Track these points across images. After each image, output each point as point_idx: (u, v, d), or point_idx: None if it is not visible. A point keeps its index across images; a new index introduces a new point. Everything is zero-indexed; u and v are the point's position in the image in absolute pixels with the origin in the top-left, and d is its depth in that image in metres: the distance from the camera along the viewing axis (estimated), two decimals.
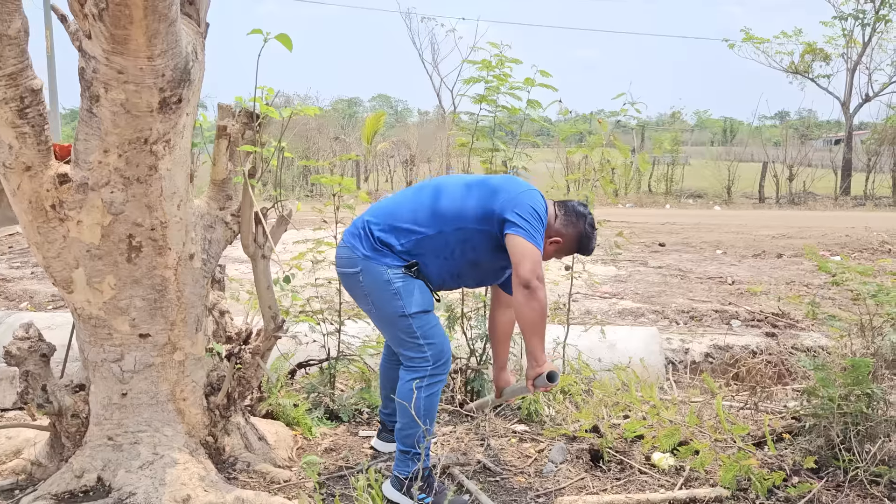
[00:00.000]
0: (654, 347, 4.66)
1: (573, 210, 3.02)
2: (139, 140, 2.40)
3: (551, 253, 3.03)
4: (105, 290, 2.61)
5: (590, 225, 3.03)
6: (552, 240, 2.97)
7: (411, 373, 2.86)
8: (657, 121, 38.68)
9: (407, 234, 2.84)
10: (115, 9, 2.05)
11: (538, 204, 2.84)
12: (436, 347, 2.86)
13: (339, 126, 30.33)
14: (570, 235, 3.00)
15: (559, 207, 3.02)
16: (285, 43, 2.58)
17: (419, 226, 2.84)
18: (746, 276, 8.48)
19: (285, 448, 3.28)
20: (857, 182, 22.53)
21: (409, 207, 2.89)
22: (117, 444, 2.72)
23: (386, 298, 2.83)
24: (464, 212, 2.84)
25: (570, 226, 3.00)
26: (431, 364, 2.84)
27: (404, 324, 2.83)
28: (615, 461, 3.25)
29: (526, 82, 3.75)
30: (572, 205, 3.05)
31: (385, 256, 2.83)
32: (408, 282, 2.83)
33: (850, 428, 3.11)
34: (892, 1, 22.07)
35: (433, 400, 2.86)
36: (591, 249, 3.07)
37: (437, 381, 2.87)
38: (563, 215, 3.00)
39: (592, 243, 3.06)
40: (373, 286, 2.84)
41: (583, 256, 4.20)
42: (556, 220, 2.99)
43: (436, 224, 2.84)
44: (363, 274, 2.85)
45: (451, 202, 2.87)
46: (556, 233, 2.98)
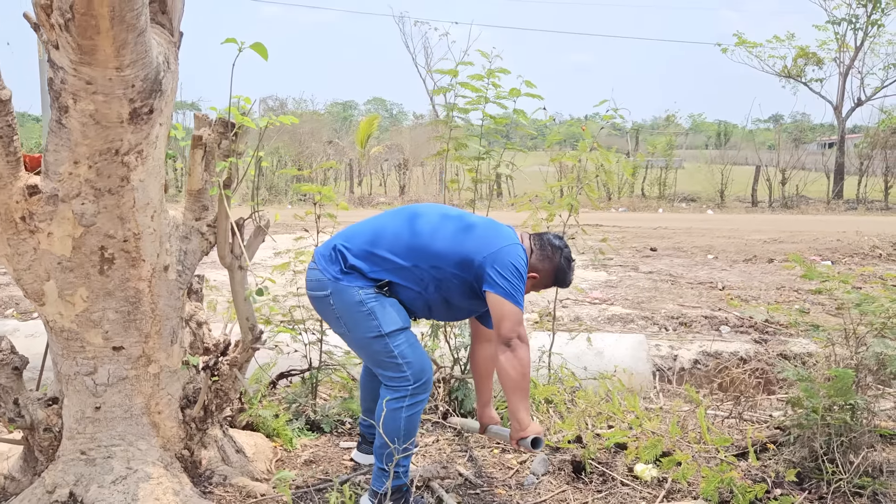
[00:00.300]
0: (642, 355, 4.64)
1: (549, 244, 3.00)
2: (110, 151, 2.37)
3: (528, 288, 3.00)
4: (77, 302, 2.57)
5: (566, 258, 3.01)
6: (529, 275, 2.94)
7: (392, 392, 2.80)
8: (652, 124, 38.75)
9: (381, 263, 2.80)
10: (81, 19, 2.01)
11: (518, 260, 2.81)
12: (415, 366, 2.80)
13: (333, 129, 30.32)
14: (546, 270, 2.99)
15: (535, 242, 3.00)
16: (260, 52, 2.54)
17: (395, 256, 2.80)
18: (737, 281, 8.47)
19: (264, 460, 3.25)
20: (849, 185, 22.59)
21: (384, 236, 2.84)
22: (90, 459, 2.68)
23: (359, 320, 2.78)
24: (442, 253, 2.80)
25: (546, 260, 2.98)
26: (412, 383, 2.79)
27: (381, 344, 2.78)
28: (597, 473, 3.22)
29: (512, 93, 3.73)
30: (548, 238, 3.02)
31: (356, 279, 2.78)
32: (380, 300, 2.78)
33: (833, 439, 3.09)
34: (884, 6, 22.14)
35: (414, 420, 2.82)
36: (567, 282, 3.07)
37: (418, 400, 2.81)
38: (539, 249, 2.98)
39: (569, 277, 3.05)
40: (344, 308, 2.79)
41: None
42: (532, 255, 2.96)
43: (412, 257, 2.80)
44: (333, 296, 2.79)
45: (429, 239, 2.82)
46: (532, 268, 2.95)
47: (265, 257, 6.68)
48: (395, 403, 2.78)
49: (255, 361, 3.60)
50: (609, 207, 19.98)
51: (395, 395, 2.79)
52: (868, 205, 21.26)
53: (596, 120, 4.76)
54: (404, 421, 2.78)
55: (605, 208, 19.57)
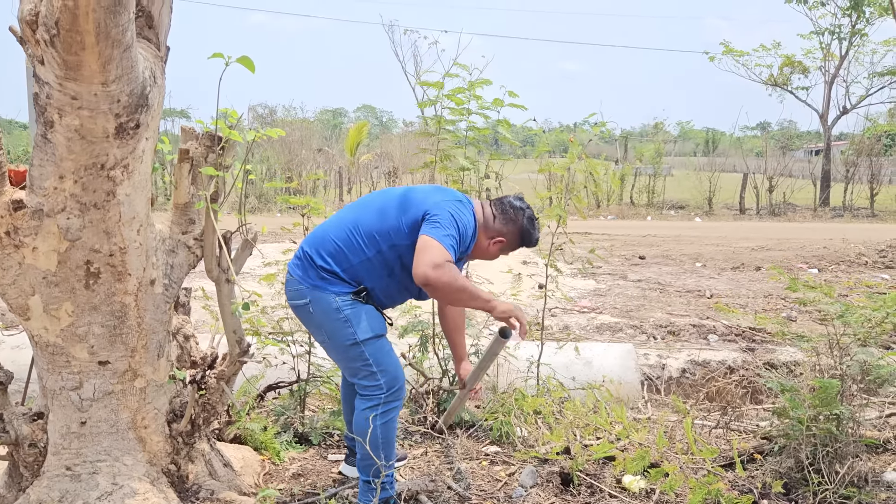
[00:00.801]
0: (630, 364, 4.65)
1: (510, 206, 3.00)
2: (96, 166, 2.36)
3: (497, 252, 3.03)
4: (62, 317, 2.56)
5: (529, 219, 3.01)
6: (495, 240, 2.97)
7: (366, 401, 2.84)
8: (640, 131, 38.95)
9: (347, 259, 2.83)
10: (66, 35, 2.01)
11: (456, 211, 2.79)
12: (389, 374, 2.84)
13: (323, 137, 30.28)
14: (511, 232, 2.99)
15: (496, 206, 3.01)
16: (247, 65, 2.54)
17: (357, 249, 2.83)
18: (725, 289, 8.52)
19: (252, 474, 3.23)
20: (836, 193, 22.76)
21: (343, 232, 2.87)
22: (76, 475, 2.67)
23: (337, 327, 2.81)
24: (394, 228, 2.82)
25: (510, 222, 2.98)
26: (385, 391, 2.83)
27: (356, 351, 2.81)
28: (585, 484, 3.23)
29: (495, 103, 3.75)
30: (509, 201, 3.03)
31: (332, 285, 2.81)
32: (357, 308, 2.82)
33: (819, 449, 3.11)
34: (868, 16, 22.38)
35: (390, 427, 2.85)
36: (534, 241, 3.06)
37: (391, 407, 2.85)
38: (501, 214, 2.99)
39: (535, 235, 3.04)
40: (323, 316, 2.82)
41: (556, 272, 4.21)
42: (495, 220, 2.97)
43: (372, 245, 2.83)
44: (313, 304, 2.83)
45: (382, 221, 2.84)
46: (497, 232, 2.97)
47: (254, 267, 6.66)
48: (369, 412, 2.82)
49: (242, 374, 3.59)
50: (598, 215, 20.05)
51: (368, 403, 2.84)
52: (854, 212, 21.43)
53: (584, 128, 4.78)
54: (380, 429, 2.81)
55: (593, 216, 19.63)
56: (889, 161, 24.06)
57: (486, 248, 2.99)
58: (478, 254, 3.04)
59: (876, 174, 21.82)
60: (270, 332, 3.84)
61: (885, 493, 3.11)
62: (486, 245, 2.98)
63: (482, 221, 2.97)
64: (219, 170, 2.77)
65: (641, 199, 22.73)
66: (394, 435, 2.88)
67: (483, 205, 3.01)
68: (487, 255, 3.03)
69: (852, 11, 22.28)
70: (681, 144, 47.29)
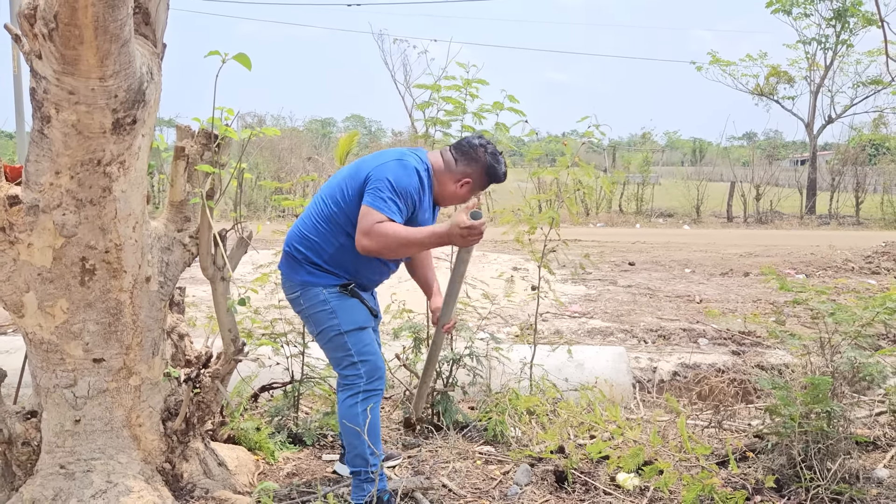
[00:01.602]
0: (622, 366, 4.67)
1: (469, 145, 2.98)
2: (92, 161, 2.36)
3: (467, 194, 3.01)
4: (57, 314, 2.55)
5: (491, 154, 2.98)
6: (462, 182, 2.97)
7: (346, 391, 2.91)
8: (628, 141, 39.19)
9: (324, 249, 2.90)
10: (64, 29, 2.01)
11: (394, 172, 2.78)
12: (369, 364, 2.91)
13: (312, 146, 30.24)
14: (476, 171, 2.97)
15: (453, 150, 2.99)
16: (244, 62, 2.55)
17: (328, 239, 2.90)
18: (714, 294, 8.57)
19: (246, 473, 3.22)
20: (822, 201, 22.97)
21: (311, 223, 2.94)
22: (69, 473, 2.65)
23: (323, 318, 2.90)
24: (349, 209, 2.85)
25: (473, 162, 2.97)
26: (364, 380, 2.89)
27: (340, 341, 2.89)
28: (580, 482, 3.24)
29: (495, 106, 3.78)
30: (467, 140, 3.01)
31: (320, 277, 2.90)
32: (342, 300, 2.90)
33: (811, 446, 3.14)
34: (853, 26, 22.66)
35: (373, 415, 2.89)
36: (502, 176, 3.02)
37: (372, 395, 2.90)
38: (462, 155, 2.97)
39: (500, 169, 3.00)
40: (311, 307, 2.92)
41: (550, 275, 4.23)
42: (457, 163, 2.97)
43: (338, 230, 2.88)
44: (303, 297, 2.92)
45: (336, 204, 2.89)
46: (462, 174, 2.97)
47: (245, 272, 6.64)
48: (350, 401, 2.88)
49: (237, 374, 3.58)
50: (587, 223, 20.13)
51: (349, 392, 2.90)
52: (840, 220, 21.63)
53: (573, 136, 4.82)
54: (362, 416, 2.86)
55: (583, 223, 19.70)
56: (874, 170, 24.30)
57: (455, 192, 2.98)
58: (448, 199, 3.03)
59: (861, 183, 22.06)
60: (263, 333, 3.84)
61: (876, 489, 3.13)
62: (454, 189, 2.98)
63: (443, 167, 2.96)
64: (215, 167, 2.78)
65: (630, 207, 22.85)
66: (377, 423, 2.93)
67: (442, 151, 3.02)
68: (458, 198, 3.01)
69: (836, 22, 22.55)
70: (668, 154, 47.58)
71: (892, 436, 3.64)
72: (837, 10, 22.10)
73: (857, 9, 21.82)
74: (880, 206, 21.94)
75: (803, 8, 22.61)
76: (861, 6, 21.67)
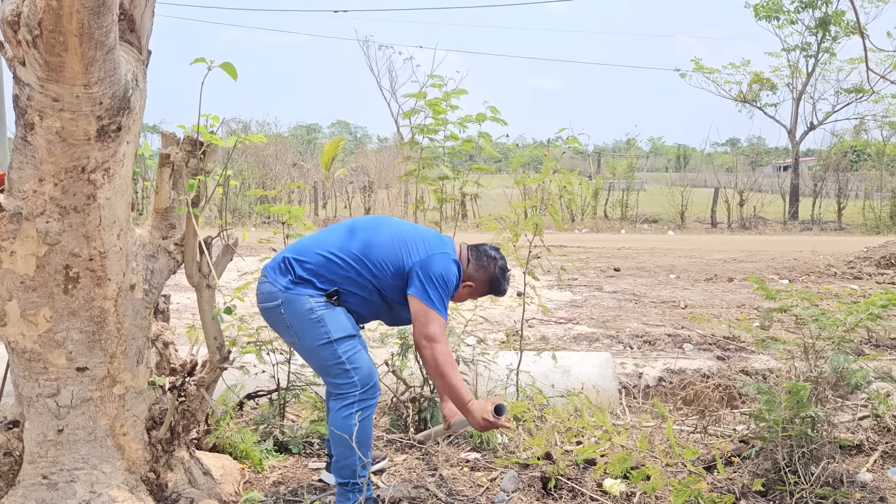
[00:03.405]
0: (608, 372, 4.68)
1: (485, 254, 3.14)
2: (76, 169, 2.35)
3: (465, 296, 3.18)
4: (40, 322, 2.53)
5: (500, 269, 3.15)
6: (465, 284, 3.10)
7: (340, 401, 2.89)
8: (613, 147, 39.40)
9: (328, 274, 2.91)
10: (49, 36, 2.00)
11: (446, 269, 2.93)
12: (362, 371, 2.89)
13: (297, 152, 30.18)
14: (481, 279, 3.13)
15: (472, 252, 3.14)
16: (230, 72, 2.55)
17: (339, 268, 2.92)
18: (699, 299, 8.63)
19: (232, 482, 3.20)
20: (804, 206, 23.22)
21: (326, 254, 2.94)
22: (52, 483, 2.62)
23: (309, 327, 2.87)
24: (379, 263, 2.93)
25: (482, 270, 3.12)
26: (359, 389, 2.87)
27: (329, 351, 2.87)
28: (567, 488, 3.24)
29: (478, 118, 3.80)
30: (485, 249, 3.17)
31: (306, 288, 2.89)
32: (329, 308, 2.89)
33: (795, 450, 3.16)
34: (834, 34, 22.95)
35: (366, 426, 2.88)
36: (502, 291, 3.21)
37: (367, 405, 2.89)
38: (476, 260, 3.12)
39: (503, 286, 3.18)
40: (295, 317, 2.88)
41: (535, 281, 4.25)
42: (469, 265, 3.11)
43: (355, 269, 2.93)
44: (284, 306, 2.89)
45: (366, 249, 2.95)
46: (468, 277, 3.11)
47: (229, 280, 6.61)
48: (345, 411, 2.86)
49: (222, 382, 3.56)
50: (573, 229, 20.21)
51: (343, 402, 2.87)
52: (822, 225, 21.86)
53: (558, 143, 4.84)
54: (357, 427, 2.84)
55: (568, 229, 19.78)
56: (855, 176, 24.61)
57: (457, 290, 3.08)
58: None
59: (843, 188, 22.32)
60: (249, 341, 3.82)
61: (860, 492, 3.16)
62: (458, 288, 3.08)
63: None
64: (200, 174, 2.77)
65: (615, 213, 22.98)
66: (370, 434, 2.91)
67: (461, 248, 3.13)
68: (457, 297, 3.15)
69: (819, 30, 22.83)
70: (653, 160, 47.93)
71: (874, 440, 3.68)
72: (821, 18, 22.38)
73: (839, 18, 22.11)
74: (862, 211, 22.21)
75: (788, 16, 22.88)
76: (843, 15, 21.97)
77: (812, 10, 22.63)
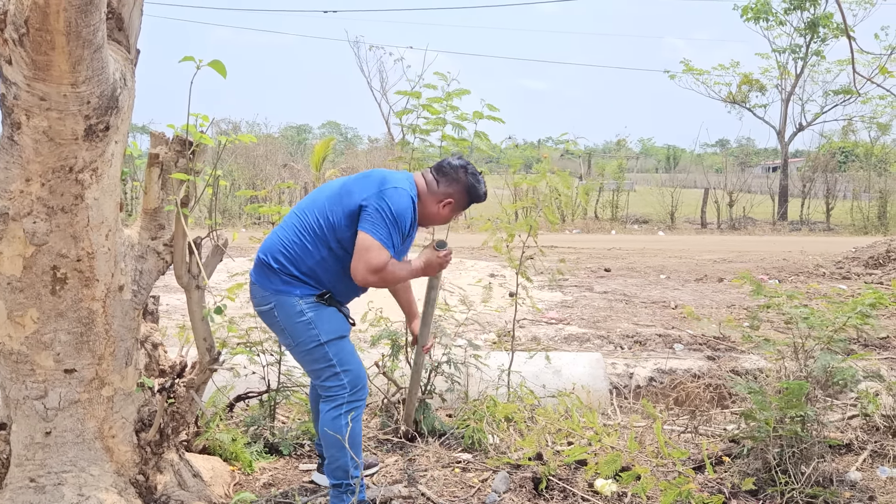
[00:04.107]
0: (599, 373, 4.68)
1: (450, 166, 3.03)
2: (64, 169, 2.32)
3: (449, 214, 3.06)
4: (27, 324, 2.50)
5: (472, 174, 3.04)
6: (444, 202, 3.01)
7: (330, 402, 2.88)
8: (604, 148, 39.51)
9: (303, 261, 2.86)
10: (35, 34, 1.98)
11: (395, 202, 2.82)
12: (352, 374, 2.89)
13: (287, 153, 30.08)
14: (458, 190, 3.02)
15: (436, 171, 3.04)
16: (219, 69, 2.53)
17: (309, 251, 2.86)
18: (689, 300, 8.65)
19: (222, 484, 3.18)
20: (793, 207, 23.34)
21: (291, 234, 2.90)
22: (40, 486, 2.59)
23: (300, 329, 2.85)
24: (337, 223, 2.85)
25: (454, 182, 3.01)
26: (349, 391, 2.87)
27: (320, 352, 2.86)
28: (558, 489, 3.24)
29: (475, 116, 3.78)
30: (447, 161, 3.06)
31: (295, 287, 2.86)
32: (320, 310, 2.86)
33: (785, 450, 3.17)
34: (823, 36, 23.09)
35: (355, 427, 2.87)
36: (482, 195, 3.08)
37: (355, 406, 2.89)
38: (443, 176, 3.01)
39: (481, 189, 3.07)
40: (287, 319, 2.86)
41: (527, 282, 4.24)
42: (439, 184, 3.01)
43: (320, 244, 2.86)
44: (277, 308, 2.87)
45: (323, 217, 2.88)
46: (444, 194, 3.01)
47: (219, 281, 6.58)
48: (334, 412, 2.86)
49: (212, 384, 3.54)
50: (563, 229, 20.24)
51: (333, 403, 2.87)
52: (811, 226, 21.99)
53: (549, 144, 4.85)
54: (346, 428, 2.83)
55: (559, 230, 19.80)
56: (843, 177, 24.77)
57: (437, 212, 3.02)
58: (430, 220, 3.07)
59: (831, 189, 22.45)
60: (239, 342, 3.80)
61: (849, 491, 3.18)
62: (437, 210, 3.01)
63: (426, 189, 3.00)
64: (189, 174, 2.75)
65: (606, 214, 23.02)
66: (359, 435, 2.91)
67: (423, 173, 3.05)
68: (440, 218, 3.06)
69: (808, 32, 22.97)
70: (643, 161, 48.12)
71: (864, 439, 3.70)
72: (810, 20, 22.51)
73: (828, 20, 22.25)
74: (850, 212, 22.34)
75: (775, 18, 23.00)
76: (832, 17, 22.10)
77: (801, 11, 22.77)
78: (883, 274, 10.38)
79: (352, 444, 2.83)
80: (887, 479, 3.31)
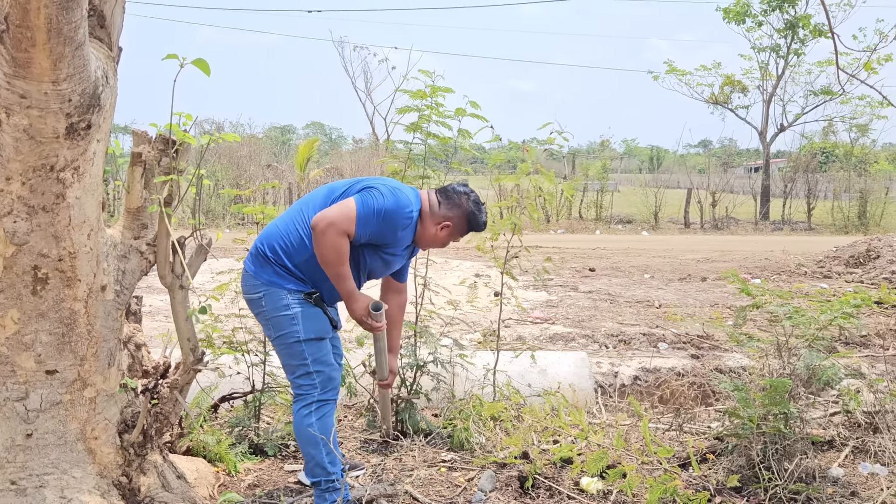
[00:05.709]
0: (584, 371, 4.70)
1: (454, 191, 3.06)
2: (45, 167, 2.30)
3: (446, 237, 3.07)
4: (8, 324, 2.47)
5: (474, 202, 3.06)
6: (442, 225, 3.02)
7: (300, 401, 2.92)
8: (587, 148, 39.66)
9: (297, 255, 2.90)
10: (15, 31, 1.96)
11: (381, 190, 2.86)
12: (324, 375, 2.92)
13: (272, 153, 29.94)
14: (457, 216, 3.04)
15: (439, 194, 3.06)
16: (202, 68, 2.51)
17: (303, 246, 2.89)
18: (673, 299, 8.70)
19: (206, 486, 3.16)
20: (775, 207, 23.56)
21: (290, 227, 2.94)
22: (21, 489, 2.56)
23: (284, 323, 2.88)
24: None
25: (455, 207, 3.03)
26: (319, 389, 2.91)
27: (297, 349, 2.89)
28: (544, 487, 3.24)
29: (457, 112, 3.78)
30: (452, 187, 3.09)
31: (287, 281, 2.89)
32: (305, 308, 2.89)
33: (769, 447, 3.19)
34: (803, 37, 23.32)
35: (326, 422, 2.90)
36: (481, 224, 3.10)
37: (325, 403, 2.92)
38: (446, 199, 3.03)
39: (481, 218, 3.08)
40: (273, 311, 2.90)
41: (512, 281, 4.25)
42: (441, 206, 3.02)
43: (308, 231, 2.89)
44: (265, 298, 2.90)
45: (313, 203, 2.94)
46: (443, 217, 3.02)
47: (203, 281, 6.52)
48: (304, 411, 2.90)
49: (196, 384, 3.51)
50: (548, 229, 20.30)
51: (303, 402, 2.91)
52: (793, 225, 22.20)
53: (533, 144, 4.85)
54: (317, 425, 2.86)
55: (544, 230, 19.86)
56: (824, 177, 25.04)
57: (435, 234, 3.03)
58: (428, 241, 3.08)
59: (812, 189, 22.69)
60: (224, 342, 3.77)
61: (832, 487, 3.20)
62: (434, 231, 3.02)
63: (428, 210, 3.01)
64: (172, 174, 2.72)
65: (590, 214, 23.13)
66: (331, 429, 2.92)
67: (429, 193, 3.07)
68: (437, 241, 3.07)
69: (788, 32, 23.19)
70: (626, 161, 48.36)
71: (845, 435, 3.73)
72: (789, 21, 22.73)
73: (808, 20, 22.47)
74: (831, 211, 22.59)
75: (755, 19, 23.20)
76: (812, 18, 22.33)
77: (780, 12, 22.98)
78: (863, 273, 10.49)
79: (324, 441, 2.85)
80: (869, 475, 3.34)
